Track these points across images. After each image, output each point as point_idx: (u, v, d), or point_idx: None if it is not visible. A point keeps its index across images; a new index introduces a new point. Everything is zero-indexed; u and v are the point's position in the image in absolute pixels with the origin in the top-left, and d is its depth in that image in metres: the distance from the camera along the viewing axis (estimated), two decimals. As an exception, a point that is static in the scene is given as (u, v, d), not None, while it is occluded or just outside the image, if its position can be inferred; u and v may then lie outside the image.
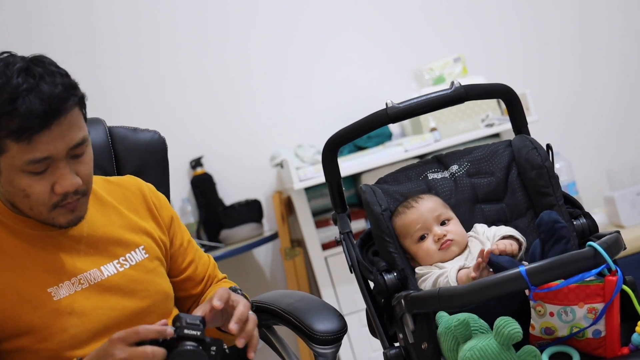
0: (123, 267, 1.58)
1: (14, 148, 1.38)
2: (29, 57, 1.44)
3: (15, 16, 3.50)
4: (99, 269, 1.55)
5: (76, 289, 1.51)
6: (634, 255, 3.14)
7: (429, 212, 1.71)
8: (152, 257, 1.64)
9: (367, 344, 3.19)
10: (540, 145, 1.75)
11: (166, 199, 1.75)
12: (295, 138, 3.56)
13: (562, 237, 1.52)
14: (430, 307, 1.48)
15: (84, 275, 1.53)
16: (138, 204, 1.68)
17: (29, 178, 1.42)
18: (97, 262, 1.56)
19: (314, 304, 1.78)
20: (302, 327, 1.70)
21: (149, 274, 1.61)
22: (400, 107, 1.66)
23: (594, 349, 1.45)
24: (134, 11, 3.59)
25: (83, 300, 1.51)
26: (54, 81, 1.39)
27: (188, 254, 1.74)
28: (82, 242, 1.56)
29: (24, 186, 1.42)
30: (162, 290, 1.63)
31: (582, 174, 3.62)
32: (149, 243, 1.64)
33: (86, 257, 1.55)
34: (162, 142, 1.91)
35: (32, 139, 1.37)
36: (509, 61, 3.74)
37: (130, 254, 1.60)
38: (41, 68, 1.40)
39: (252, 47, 3.64)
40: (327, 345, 1.67)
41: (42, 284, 1.49)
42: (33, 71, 1.39)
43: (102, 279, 1.54)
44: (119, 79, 3.59)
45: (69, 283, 1.51)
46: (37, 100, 1.36)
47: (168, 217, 1.71)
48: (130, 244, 1.61)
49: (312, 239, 3.22)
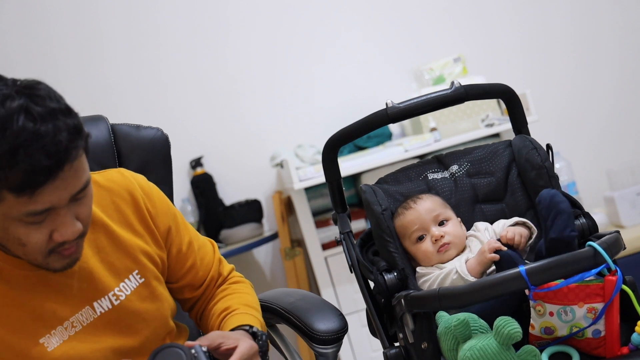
0: (118, 300, 1.47)
1: (11, 200, 1.24)
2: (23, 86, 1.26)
3: (15, 16, 3.50)
4: (92, 306, 1.45)
5: (70, 333, 1.42)
6: (634, 255, 3.14)
7: (427, 212, 1.70)
8: (149, 280, 1.53)
9: (367, 344, 3.19)
10: (540, 145, 1.75)
11: (164, 197, 1.62)
12: (295, 138, 3.56)
13: (562, 211, 1.47)
14: (430, 307, 1.48)
15: (76, 317, 1.43)
16: (130, 214, 1.54)
17: (25, 228, 1.28)
18: (90, 297, 1.45)
19: (315, 303, 1.76)
20: (303, 327, 1.69)
21: (145, 302, 1.51)
22: (400, 107, 1.66)
23: (594, 349, 1.45)
24: (134, 11, 3.59)
25: (79, 346, 1.42)
26: (57, 126, 1.23)
27: (188, 259, 1.63)
28: (74, 276, 1.43)
29: (20, 235, 1.29)
30: (160, 315, 1.54)
31: (582, 174, 3.62)
32: (143, 264, 1.52)
33: (79, 293, 1.44)
34: (165, 139, 1.86)
35: (34, 194, 1.23)
36: (509, 61, 3.74)
37: (124, 283, 1.49)
38: (41, 107, 1.23)
39: (252, 47, 3.64)
40: (328, 344, 1.65)
41: (33, 335, 1.39)
42: (33, 112, 1.22)
43: (96, 317, 1.45)
44: (119, 79, 3.59)
45: (62, 328, 1.41)
46: (42, 156, 1.21)
47: (165, 226, 1.58)
48: (123, 271, 1.49)
49: (312, 239, 3.22)
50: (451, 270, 1.63)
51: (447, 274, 1.63)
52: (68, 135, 1.24)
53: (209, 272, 1.67)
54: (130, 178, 1.57)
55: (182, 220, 1.66)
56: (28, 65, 3.42)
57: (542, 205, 1.50)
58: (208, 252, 1.69)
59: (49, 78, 1.36)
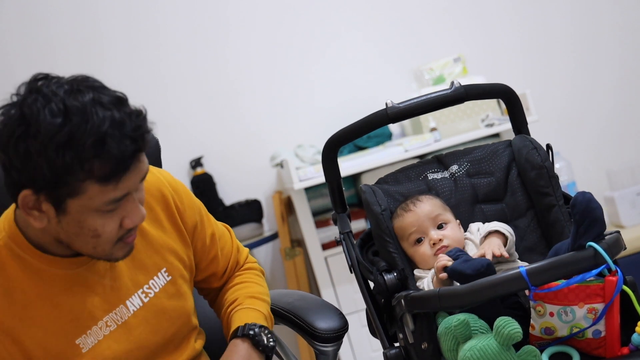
0: (148, 297, 1.50)
1: (94, 190, 1.27)
2: (78, 81, 1.30)
3: (15, 16, 3.50)
4: (125, 304, 1.47)
5: (104, 332, 1.44)
6: (634, 255, 3.14)
7: (426, 215, 1.70)
8: (175, 278, 1.56)
9: (367, 344, 3.19)
10: (540, 145, 1.75)
11: (189, 192, 1.65)
12: (295, 138, 3.56)
13: (597, 219, 1.43)
14: (430, 307, 1.48)
15: (110, 317, 1.45)
16: (160, 211, 1.57)
17: (102, 218, 1.31)
18: (122, 296, 1.48)
19: (315, 303, 1.78)
20: (304, 325, 1.70)
21: (172, 300, 1.54)
22: (400, 107, 1.66)
23: (594, 349, 1.45)
24: (134, 11, 3.59)
25: (114, 345, 1.44)
26: (130, 112, 1.29)
27: (211, 251, 1.66)
28: (106, 275, 1.46)
29: (97, 226, 1.32)
30: (185, 312, 1.57)
31: (582, 174, 3.62)
32: (170, 262, 1.56)
33: (112, 292, 1.46)
34: (155, 143, 1.86)
35: (120, 180, 1.27)
36: (509, 61, 3.74)
37: (153, 280, 1.52)
38: (107, 96, 1.28)
39: (252, 47, 3.64)
40: (329, 342, 1.67)
41: (70, 336, 1.41)
42: (105, 102, 1.26)
43: (129, 316, 1.48)
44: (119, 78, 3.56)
45: (97, 328, 1.43)
46: (128, 141, 1.26)
47: (192, 222, 1.62)
48: (152, 269, 1.53)
49: (312, 239, 3.22)
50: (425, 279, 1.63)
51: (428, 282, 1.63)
52: (141, 119, 1.30)
53: (228, 262, 1.71)
54: (158, 175, 1.60)
55: (205, 212, 1.69)
56: (28, 65, 3.41)
57: (577, 209, 1.44)
58: (227, 242, 1.73)
59: (48, 78, 1.37)
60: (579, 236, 1.42)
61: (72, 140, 1.22)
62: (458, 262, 1.51)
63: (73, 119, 1.22)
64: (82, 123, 1.23)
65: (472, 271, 1.46)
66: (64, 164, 1.22)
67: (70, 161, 1.22)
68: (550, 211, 1.71)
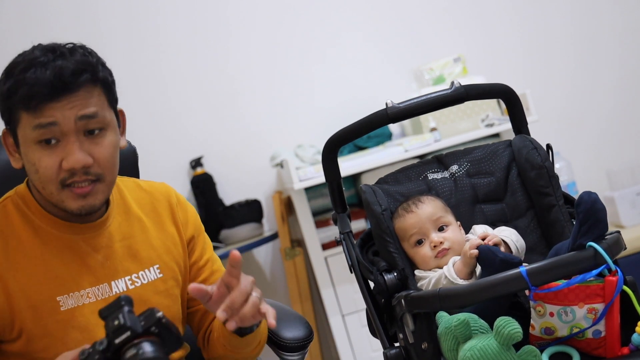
0: (134, 285, 1.55)
1: (25, 118, 1.40)
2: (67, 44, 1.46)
3: (15, 16, 3.50)
4: (109, 284, 1.53)
5: (84, 301, 1.50)
6: (634, 255, 3.14)
7: (427, 217, 1.70)
8: (167, 278, 1.61)
9: (367, 344, 3.19)
10: (540, 145, 1.75)
11: (195, 213, 1.73)
12: (295, 138, 3.56)
13: (601, 220, 1.42)
14: (431, 307, 1.48)
15: (92, 290, 1.51)
16: (165, 215, 1.65)
17: (39, 151, 1.42)
18: (110, 275, 1.54)
19: (282, 312, 1.80)
20: (270, 335, 1.73)
21: (159, 295, 1.58)
22: (400, 107, 1.66)
23: (594, 349, 1.45)
24: (134, 11, 3.59)
25: (88, 314, 1.49)
26: (73, 57, 1.41)
27: (202, 273, 1.69)
28: (100, 251, 1.54)
29: (35, 160, 1.42)
30: (170, 313, 1.58)
31: (582, 174, 3.62)
32: (165, 261, 1.61)
33: (101, 269, 1.53)
34: (132, 151, 1.91)
35: (38, 107, 1.39)
36: (509, 61, 3.74)
37: (143, 272, 1.57)
38: (67, 49, 1.43)
39: (252, 47, 3.64)
40: (294, 352, 1.72)
41: (53, 291, 1.48)
42: (58, 50, 1.42)
43: (110, 295, 1.52)
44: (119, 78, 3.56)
45: (78, 294, 1.50)
46: (48, 72, 1.38)
47: (189, 234, 1.68)
48: (146, 261, 1.58)
49: (312, 239, 3.22)
50: (441, 275, 1.62)
51: (437, 279, 1.63)
52: (77, 64, 1.40)
53: None
54: (170, 190, 1.71)
55: (207, 240, 1.75)
56: (28, 65, 3.41)
57: (581, 208, 1.43)
58: None
59: (48, 78, 1.42)
60: (580, 235, 1.42)
61: (9, 70, 1.43)
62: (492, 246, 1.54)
63: (17, 57, 1.44)
64: (19, 57, 1.44)
65: (503, 256, 1.49)
66: (4, 91, 1.42)
67: (7, 88, 1.41)
68: (550, 211, 1.71)
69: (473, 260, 1.56)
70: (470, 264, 1.57)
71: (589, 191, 1.44)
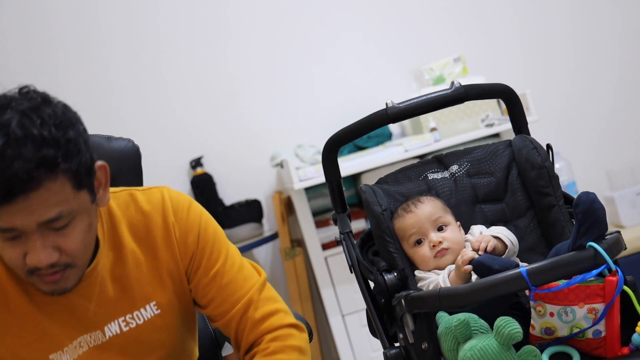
0: (128, 327, 1.48)
1: None
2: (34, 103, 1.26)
3: (15, 16, 3.50)
4: (102, 330, 1.47)
5: (78, 352, 1.45)
6: (634, 255, 3.14)
7: (426, 217, 1.69)
8: (165, 311, 1.52)
9: (367, 344, 3.19)
10: (540, 145, 1.75)
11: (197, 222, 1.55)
12: (295, 138, 3.56)
13: (599, 220, 1.42)
14: (431, 307, 1.48)
15: (84, 338, 1.45)
16: (159, 239, 1.51)
17: (2, 242, 1.29)
18: (103, 321, 1.47)
19: None
20: None
21: (157, 332, 1.51)
22: (400, 107, 1.66)
23: (594, 349, 1.45)
24: (134, 11, 3.59)
25: None
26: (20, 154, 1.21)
27: (208, 291, 1.55)
28: (92, 300, 1.45)
29: (0, 249, 1.31)
30: (170, 343, 1.55)
31: (582, 174, 3.62)
32: (162, 296, 1.51)
33: (94, 316, 1.46)
34: (135, 150, 1.82)
35: None
36: (509, 61, 3.74)
37: (139, 312, 1.49)
38: (21, 129, 1.22)
39: (252, 47, 3.64)
40: None
41: (44, 350, 1.43)
42: (8, 134, 1.21)
43: (104, 341, 1.47)
44: (119, 78, 3.59)
45: (72, 346, 1.44)
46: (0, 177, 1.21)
47: (190, 251, 1.53)
48: (141, 300, 1.49)
49: (312, 239, 3.22)
50: (438, 284, 1.62)
51: (435, 286, 1.63)
52: (27, 165, 1.21)
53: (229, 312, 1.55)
54: (168, 206, 1.53)
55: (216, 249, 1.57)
56: (28, 65, 3.42)
57: (580, 208, 1.42)
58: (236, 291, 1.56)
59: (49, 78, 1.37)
60: (580, 235, 1.42)
61: None
62: (485, 256, 1.52)
63: None
64: None
65: (499, 266, 1.45)
66: None
67: None
68: (550, 211, 1.71)
69: (468, 275, 1.56)
70: (465, 277, 1.57)
71: (587, 191, 1.44)
